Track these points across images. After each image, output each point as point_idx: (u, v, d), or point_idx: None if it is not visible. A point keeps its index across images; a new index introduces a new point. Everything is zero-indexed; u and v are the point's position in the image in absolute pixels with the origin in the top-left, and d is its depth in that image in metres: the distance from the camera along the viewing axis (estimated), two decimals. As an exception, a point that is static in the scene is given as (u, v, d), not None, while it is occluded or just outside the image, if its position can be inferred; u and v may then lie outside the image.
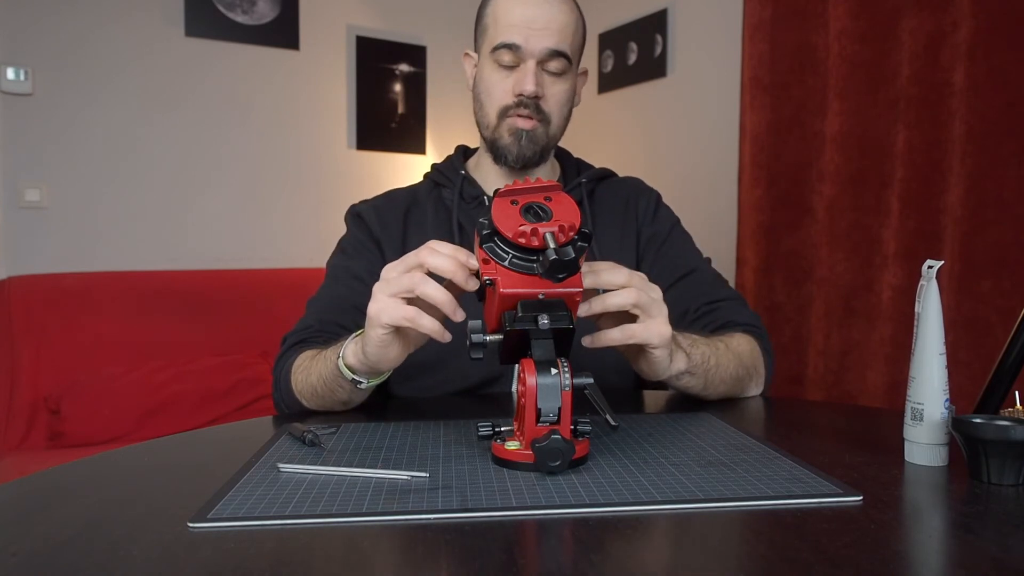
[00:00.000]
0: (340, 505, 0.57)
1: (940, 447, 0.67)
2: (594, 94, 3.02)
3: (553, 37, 1.03)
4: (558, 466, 0.63)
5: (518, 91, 1.04)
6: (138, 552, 0.50)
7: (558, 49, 1.03)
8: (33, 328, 2.14)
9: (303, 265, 2.70)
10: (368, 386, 0.85)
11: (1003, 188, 1.62)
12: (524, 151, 1.07)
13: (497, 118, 1.07)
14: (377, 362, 0.79)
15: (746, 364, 0.97)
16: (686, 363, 0.85)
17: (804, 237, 2.08)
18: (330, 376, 0.87)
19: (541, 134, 1.07)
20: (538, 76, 1.04)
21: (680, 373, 0.86)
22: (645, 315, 0.75)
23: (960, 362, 1.65)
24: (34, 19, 2.34)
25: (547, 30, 1.02)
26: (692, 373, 0.87)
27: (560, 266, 0.59)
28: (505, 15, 1.04)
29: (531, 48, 1.03)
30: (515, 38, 1.02)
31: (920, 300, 0.68)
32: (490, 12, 1.07)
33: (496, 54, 1.04)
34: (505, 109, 1.06)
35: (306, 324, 1.03)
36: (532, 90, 1.03)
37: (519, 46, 1.02)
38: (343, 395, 0.89)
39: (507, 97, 1.06)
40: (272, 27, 2.72)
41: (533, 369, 0.64)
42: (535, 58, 1.03)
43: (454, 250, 0.72)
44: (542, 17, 1.02)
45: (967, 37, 1.65)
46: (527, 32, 1.02)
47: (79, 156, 2.43)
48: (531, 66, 1.03)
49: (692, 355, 0.87)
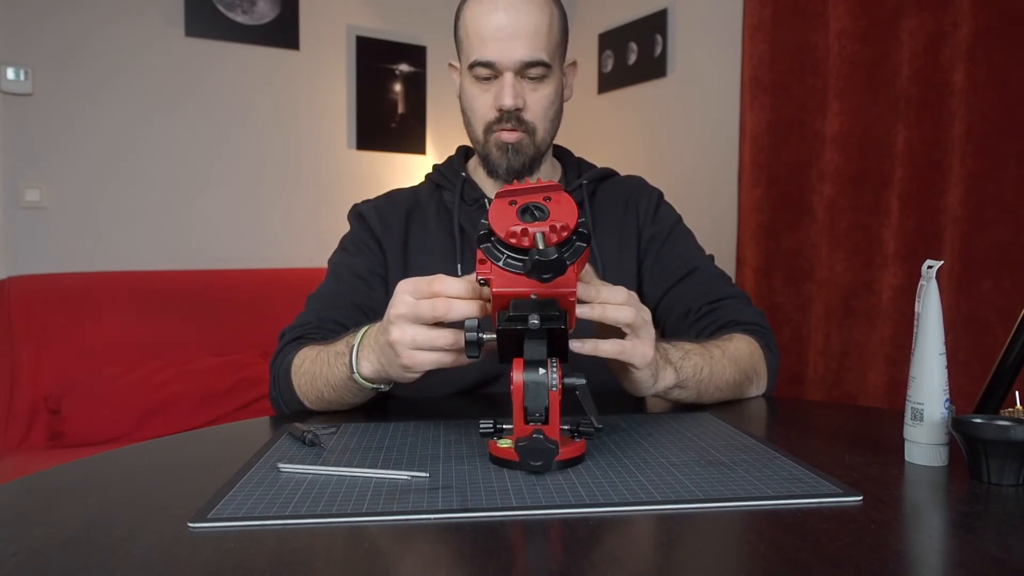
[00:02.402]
0: (340, 505, 0.57)
1: (940, 447, 0.67)
2: (594, 94, 3.02)
3: (526, 47, 1.01)
4: (541, 466, 0.63)
5: (497, 106, 1.04)
6: (138, 552, 0.50)
7: (532, 60, 1.02)
8: (33, 328, 2.14)
9: (303, 265, 2.70)
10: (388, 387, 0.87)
11: (1003, 188, 1.62)
12: (513, 164, 1.07)
13: (483, 134, 1.08)
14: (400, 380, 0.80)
15: (744, 368, 0.96)
16: (674, 378, 0.85)
17: (804, 237, 2.08)
18: (341, 384, 0.87)
19: (527, 144, 1.07)
20: (517, 88, 1.03)
21: (669, 388, 0.85)
22: (634, 335, 0.75)
23: (960, 362, 1.65)
24: (34, 19, 2.34)
25: (518, 39, 1.01)
26: (682, 387, 0.87)
27: (543, 266, 0.59)
28: (475, 28, 1.03)
29: (504, 63, 1.02)
30: (488, 55, 1.02)
31: (920, 300, 0.68)
32: (463, 25, 1.06)
33: (474, 70, 1.04)
34: (489, 125, 1.06)
35: (306, 320, 1.03)
36: (510, 104, 1.03)
37: (492, 62, 1.02)
38: (358, 398, 0.90)
39: (489, 112, 1.06)
40: (272, 27, 2.72)
41: (522, 368, 0.65)
42: (511, 70, 1.02)
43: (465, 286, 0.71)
44: (511, 25, 1.00)
45: (967, 37, 1.65)
46: (499, 45, 1.01)
47: (79, 156, 2.43)
48: (508, 79, 1.02)
49: (682, 369, 0.86)
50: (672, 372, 0.84)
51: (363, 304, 1.07)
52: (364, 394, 0.88)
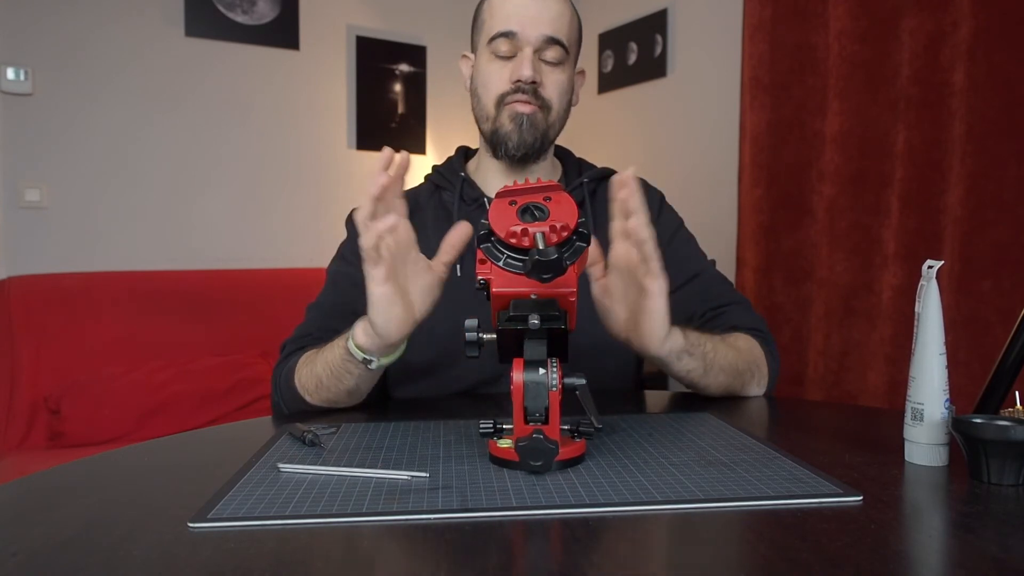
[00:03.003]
0: (340, 505, 0.57)
1: (940, 447, 0.67)
2: (594, 94, 3.02)
3: (549, 25, 1.04)
4: (541, 466, 0.63)
5: (515, 77, 1.04)
6: (138, 552, 0.50)
7: (554, 36, 1.04)
8: (33, 328, 2.14)
9: (303, 265, 2.70)
10: (379, 365, 0.85)
11: (1003, 188, 1.62)
12: (525, 136, 1.06)
13: (495, 107, 1.07)
14: (385, 326, 0.79)
15: (745, 358, 0.97)
16: (683, 341, 0.86)
17: (804, 237, 2.08)
18: (338, 362, 0.87)
19: (541, 120, 1.07)
20: (535, 63, 1.05)
21: (679, 352, 0.86)
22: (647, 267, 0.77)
23: (960, 362, 1.65)
24: (34, 19, 2.34)
25: (542, 18, 1.04)
26: (691, 353, 0.88)
27: (543, 266, 0.59)
28: (501, 7, 1.06)
29: (527, 35, 1.04)
30: (511, 26, 1.04)
31: (920, 300, 0.68)
32: (486, 8, 1.09)
33: (493, 44, 1.05)
34: (503, 96, 1.06)
35: (305, 331, 1.03)
36: (529, 75, 1.03)
37: (515, 33, 1.04)
38: (351, 382, 0.89)
39: (504, 85, 1.06)
40: (272, 27, 2.72)
41: (522, 368, 0.65)
42: (532, 46, 1.04)
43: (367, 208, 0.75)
44: (537, 7, 1.04)
45: (967, 37, 1.65)
46: (523, 21, 1.04)
47: (79, 156, 2.43)
48: (528, 53, 1.04)
49: (689, 335, 0.87)
50: (680, 335, 0.85)
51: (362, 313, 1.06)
52: (357, 372, 0.87)
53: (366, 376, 0.88)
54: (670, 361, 0.87)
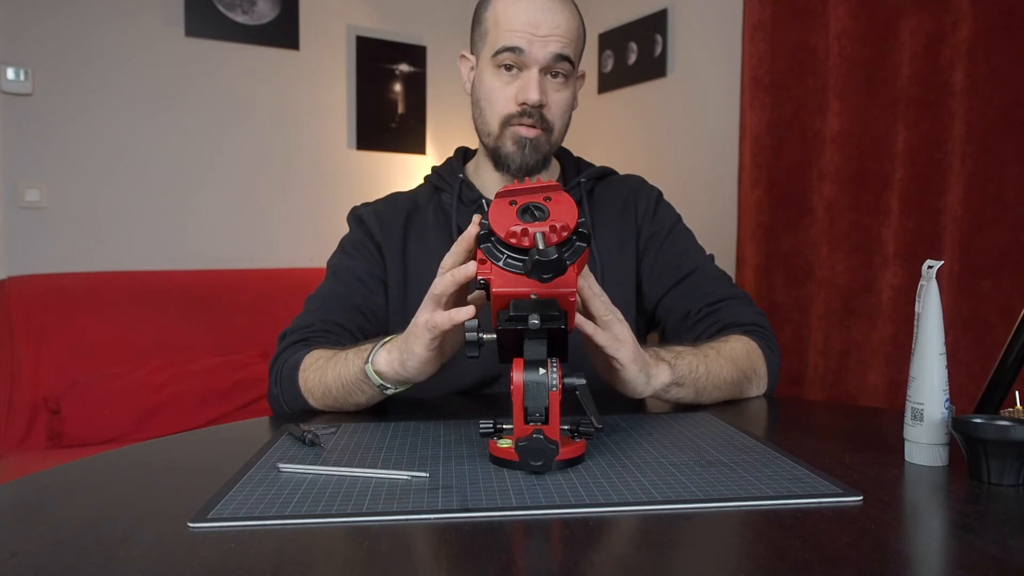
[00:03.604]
0: (340, 505, 0.57)
1: (940, 447, 0.67)
2: (594, 94, 3.02)
3: (558, 42, 1.02)
4: (541, 466, 0.63)
5: (522, 100, 1.03)
6: (138, 552, 0.50)
7: (562, 53, 1.02)
8: (33, 328, 2.14)
9: (303, 265, 2.70)
10: (395, 392, 0.86)
11: (1003, 188, 1.62)
12: (527, 160, 1.06)
13: (500, 127, 1.06)
14: (416, 375, 0.81)
15: (742, 367, 0.96)
16: (670, 374, 0.85)
17: (804, 237, 2.08)
18: (351, 379, 0.87)
19: (544, 142, 1.07)
20: (542, 84, 1.03)
21: (667, 386, 0.86)
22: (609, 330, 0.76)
23: (960, 362, 1.65)
24: (34, 19, 2.34)
25: (551, 36, 1.01)
26: (680, 384, 0.87)
27: (543, 266, 0.59)
28: (507, 19, 1.02)
29: (535, 54, 1.01)
30: (519, 42, 1.01)
31: (920, 300, 0.68)
32: (490, 15, 1.05)
33: (498, 58, 1.03)
34: (508, 118, 1.05)
35: (306, 323, 1.03)
36: (536, 99, 1.02)
37: (523, 49, 1.01)
38: (361, 398, 0.89)
39: (510, 105, 1.04)
40: (272, 27, 2.72)
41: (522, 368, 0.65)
42: (539, 65, 1.02)
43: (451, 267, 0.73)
44: (546, 23, 1.01)
45: (967, 37, 1.65)
46: (531, 37, 1.01)
47: (79, 156, 2.43)
48: (534, 74, 1.02)
49: (677, 366, 0.86)
50: (667, 368, 0.85)
51: (363, 306, 1.06)
52: (370, 392, 0.87)
53: (378, 395, 0.88)
54: (658, 396, 0.87)
